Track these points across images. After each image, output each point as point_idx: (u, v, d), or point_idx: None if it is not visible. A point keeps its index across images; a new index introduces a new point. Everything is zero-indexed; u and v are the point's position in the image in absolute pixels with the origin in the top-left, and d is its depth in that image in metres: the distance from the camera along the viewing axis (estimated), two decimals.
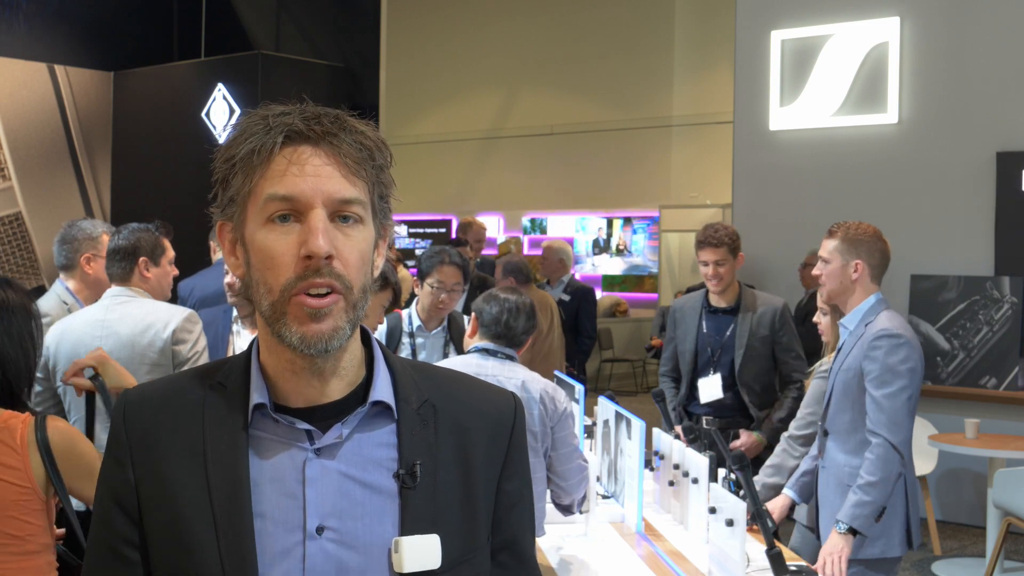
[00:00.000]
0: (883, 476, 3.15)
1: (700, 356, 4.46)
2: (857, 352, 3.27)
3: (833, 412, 3.36)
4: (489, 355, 3.04)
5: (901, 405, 3.18)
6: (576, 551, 3.20)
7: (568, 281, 7.19)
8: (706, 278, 4.39)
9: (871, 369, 3.21)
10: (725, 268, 4.32)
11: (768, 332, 4.37)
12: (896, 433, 3.16)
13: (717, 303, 4.46)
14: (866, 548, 3.23)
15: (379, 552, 1.16)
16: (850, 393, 3.29)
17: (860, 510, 3.16)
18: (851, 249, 3.35)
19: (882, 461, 3.15)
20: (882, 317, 3.30)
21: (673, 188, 13.17)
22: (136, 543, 1.17)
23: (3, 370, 2.18)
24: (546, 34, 13.83)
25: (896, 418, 3.17)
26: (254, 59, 9.56)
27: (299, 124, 1.14)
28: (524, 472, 1.29)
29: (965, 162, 6.69)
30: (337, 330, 1.14)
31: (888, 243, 3.46)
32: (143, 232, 3.45)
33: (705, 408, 4.43)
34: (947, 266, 6.69)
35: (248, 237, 1.17)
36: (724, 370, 4.39)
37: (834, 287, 3.38)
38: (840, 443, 3.32)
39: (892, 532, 3.26)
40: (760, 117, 7.50)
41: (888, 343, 3.20)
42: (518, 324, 3.05)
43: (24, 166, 9.79)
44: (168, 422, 1.19)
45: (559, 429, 2.96)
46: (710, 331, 4.45)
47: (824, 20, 7.24)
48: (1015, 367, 6.41)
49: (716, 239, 4.29)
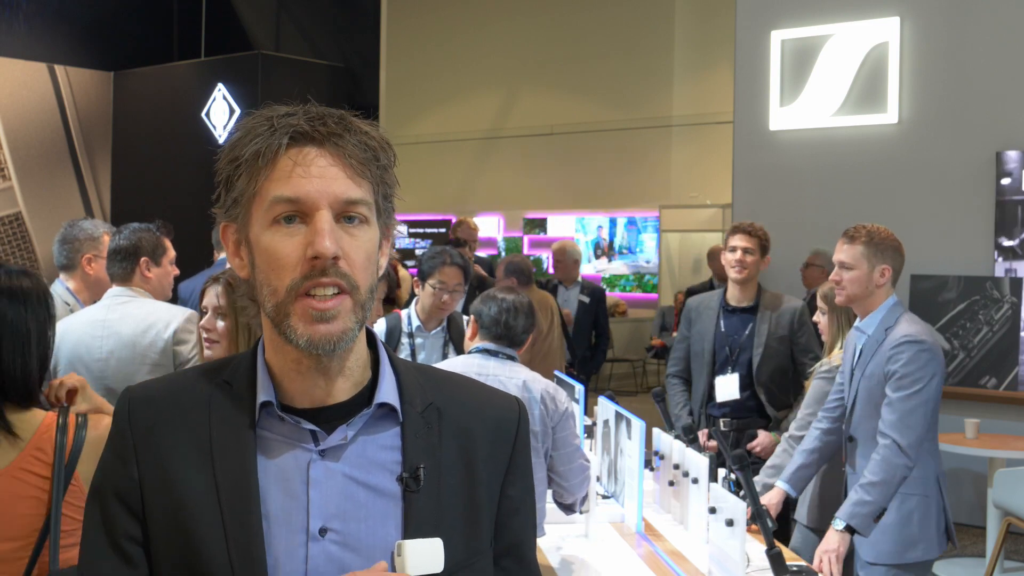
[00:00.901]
0: (886, 477, 3.15)
1: (717, 355, 4.46)
2: (879, 358, 3.27)
3: (858, 419, 3.36)
4: (490, 355, 3.04)
5: (914, 408, 3.18)
6: (576, 551, 3.20)
7: (583, 283, 7.13)
8: (730, 265, 4.38)
9: (894, 371, 3.21)
10: (752, 259, 4.35)
11: (787, 332, 4.38)
12: (906, 435, 3.15)
13: (736, 302, 4.46)
14: (907, 553, 3.24)
15: (382, 555, 1.16)
16: (874, 399, 3.28)
17: (859, 509, 3.16)
18: (878, 254, 3.31)
19: (887, 463, 3.15)
20: (903, 322, 3.30)
21: (673, 188, 13.16)
22: (139, 539, 1.16)
23: (24, 361, 2.15)
24: (546, 34, 13.82)
25: (908, 420, 3.17)
26: (254, 59, 9.56)
27: (304, 125, 1.14)
28: (527, 477, 1.29)
29: (965, 162, 6.69)
30: (346, 331, 1.14)
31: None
32: (144, 232, 3.45)
33: (723, 408, 4.42)
34: (947, 266, 6.69)
35: (253, 238, 1.17)
36: (742, 369, 4.39)
37: (857, 292, 3.33)
38: (868, 448, 3.30)
39: (931, 534, 3.27)
40: (760, 117, 7.50)
41: (911, 348, 3.20)
42: (518, 323, 3.05)
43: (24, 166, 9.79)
44: (173, 419, 1.19)
45: (560, 429, 2.96)
46: (728, 330, 4.45)
47: (824, 20, 7.24)
48: (1015, 367, 6.41)
49: (751, 228, 4.38)
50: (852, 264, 3.32)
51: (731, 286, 4.48)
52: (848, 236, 3.36)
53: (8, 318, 2.12)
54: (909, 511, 3.26)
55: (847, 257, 3.33)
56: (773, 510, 3.50)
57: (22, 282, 2.18)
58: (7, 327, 2.12)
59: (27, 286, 2.18)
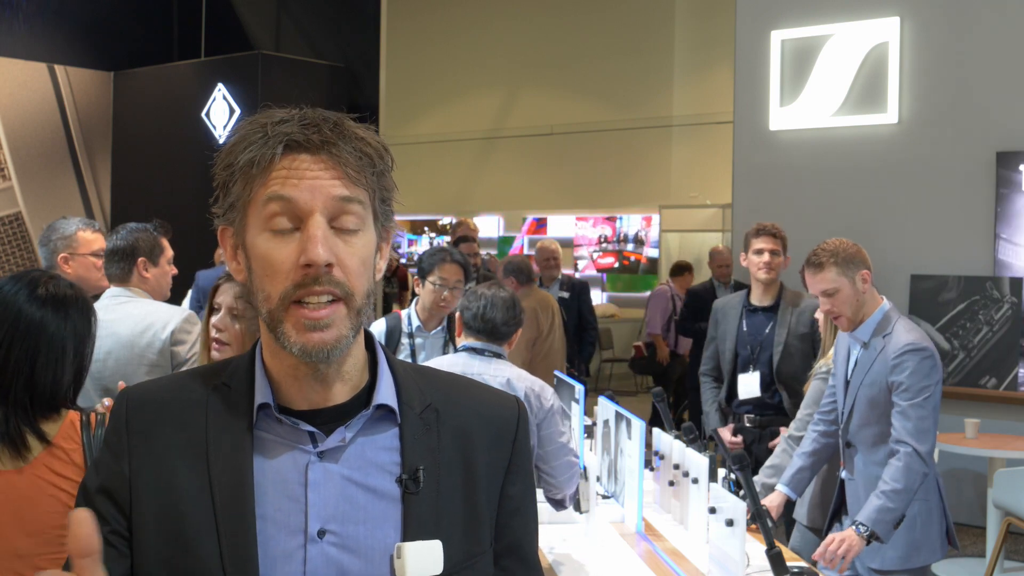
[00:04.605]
0: (908, 485, 3.17)
1: (740, 354, 4.56)
2: (880, 367, 3.28)
3: (857, 425, 3.37)
4: (476, 354, 3.04)
5: (927, 415, 3.21)
6: (576, 551, 3.20)
7: (562, 279, 7.25)
8: (756, 267, 4.47)
9: (900, 381, 3.22)
10: (778, 260, 4.46)
11: (808, 330, 4.43)
12: (924, 442, 3.18)
13: (759, 302, 4.56)
14: (913, 558, 3.26)
15: (380, 557, 1.16)
16: (877, 407, 3.30)
17: (885, 516, 3.16)
18: (850, 266, 3.33)
19: (909, 470, 3.16)
20: (900, 329, 3.31)
21: (673, 188, 13.16)
22: (123, 534, 1.16)
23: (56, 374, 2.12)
24: (546, 34, 13.82)
25: (923, 426, 3.19)
26: (254, 59, 9.55)
27: (298, 134, 1.13)
28: (528, 477, 1.29)
29: (965, 162, 6.69)
30: (340, 339, 1.14)
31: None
32: (141, 232, 3.44)
33: (746, 407, 4.52)
34: (947, 266, 6.69)
35: (249, 243, 1.16)
36: (763, 368, 4.48)
37: (852, 310, 3.35)
38: (869, 455, 3.33)
39: (933, 538, 3.30)
40: (760, 117, 7.49)
41: (915, 357, 3.22)
42: (495, 316, 3.04)
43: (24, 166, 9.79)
44: (170, 419, 1.18)
45: (545, 426, 2.96)
46: (750, 329, 4.56)
47: (824, 20, 7.24)
48: (1015, 367, 6.41)
49: (775, 230, 4.46)
50: (834, 288, 3.33)
51: (755, 286, 4.58)
52: (814, 265, 3.37)
53: (48, 331, 2.12)
54: (912, 516, 3.27)
55: (826, 284, 3.34)
56: (775, 512, 3.50)
57: (67, 293, 2.18)
58: (45, 339, 2.12)
59: (71, 298, 2.18)
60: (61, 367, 2.13)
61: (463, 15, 14.62)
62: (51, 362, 2.12)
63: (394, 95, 11.87)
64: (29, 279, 2.17)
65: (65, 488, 2.06)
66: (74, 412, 2.15)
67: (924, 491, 3.28)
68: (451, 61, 14.60)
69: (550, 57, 13.78)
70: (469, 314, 3.07)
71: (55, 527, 2.03)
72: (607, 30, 13.36)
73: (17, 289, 2.14)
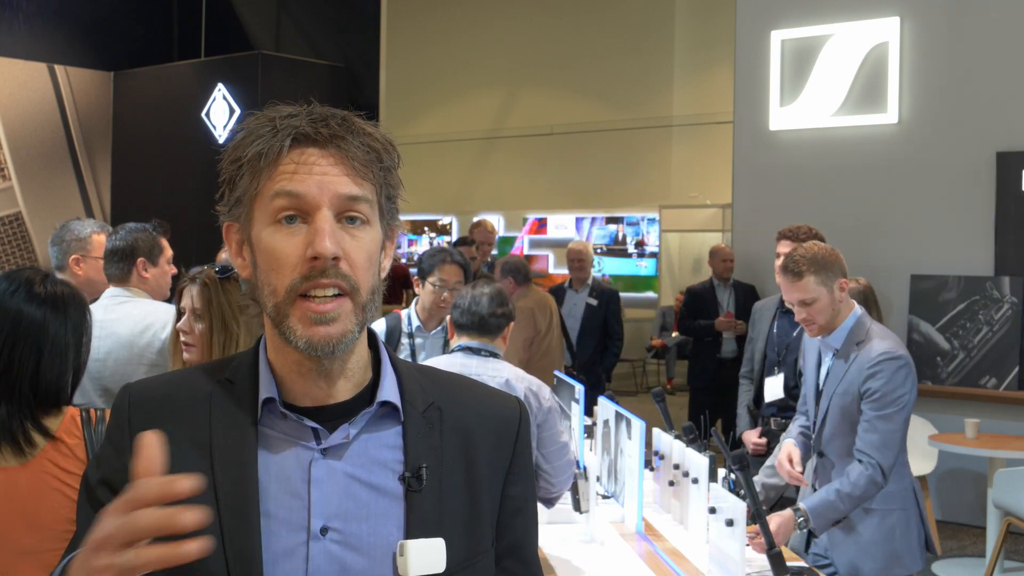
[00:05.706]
0: (864, 494, 3.14)
1: (768, 356, 4.61)
2: (855, 376, 3.21)
3: (829, 435, 3.31)
4: (472, 353, 3.03)
5: (895, 430, 3.15)
6: (576, 551, 3.20)
7: (592, 284, 7.00)
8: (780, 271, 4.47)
9: (874, 389, 3.15)
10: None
11: None
12: (886, 457, 3.13)
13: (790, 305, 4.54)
14: (893, 568, 3.22)
15: (383, 554, 1.16)
16: (849, 417, 3.24)
17: (829, 513, 3.14)
18: (828, 274, 3.23)
19: (871, 482, 3.13)
20: (875, 337, 3.23)
21: (673, 188, 13.15)
22: None
23: (59, 371, 2.14)
24: (546, 34, 13.82)
25: (888, 441, 3.14)
26: (254, 59, 9.55)
27: (306, 127, 1.14)
28: (529, 477, 1.29)
29: (965, 162, 6.69)
30: (346, 333, 1.14)
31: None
32: (140, 232, 3.44)
33: (772, 409, 4.56)
34: (947, 266, 6.69)
35: (254, 237, 1.17)
36: (788, 370, 4.48)
37: (827, 319, 3.26)
38: (841, 465, 3.26)
39: (913, 547, 3.26)
40: (760, 117, 7.49)
41: (891, 366, 3.15)
42: (480, 308, 3.03)
43: (24, 166, 9.79)
44: (173, 414, 1.18)
45: (546, 427, 2.96)
46: (780, 331, 4.60)
47: (824, 20, 7.24)
48: (1015, 367, 6.41)
49: (797, 234, 4.41)
50: (812, 297, 3.22)
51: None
52: (792, 273, 3.24)
53: (50, 331, 2.14)
54: (891, 526, 3.23)
55: (804, 293, 3.22)
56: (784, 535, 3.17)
57: (63, 291, 2.20)
58: (47, 337, 2.14)
59: (68, 296, 2.20)
60: (63, 364, 2.15)
61: (463, 15, 14.62)
62: (54, 360, 2.14)
63: (394, 95, 11.87)
64: (24, 278, 2.19)
65: (69, 483, 2.07)
66: (73, 408, 2.17)
67: (902, 500, 3.24)
68: (451, 61, 14.60)
69: (550, 57, 13.78)
70: (457, 312, 3.08)
71: (60, 522, 2.03)
72: (607, 30, 13.36)
73: (14, 289, 2.15)
